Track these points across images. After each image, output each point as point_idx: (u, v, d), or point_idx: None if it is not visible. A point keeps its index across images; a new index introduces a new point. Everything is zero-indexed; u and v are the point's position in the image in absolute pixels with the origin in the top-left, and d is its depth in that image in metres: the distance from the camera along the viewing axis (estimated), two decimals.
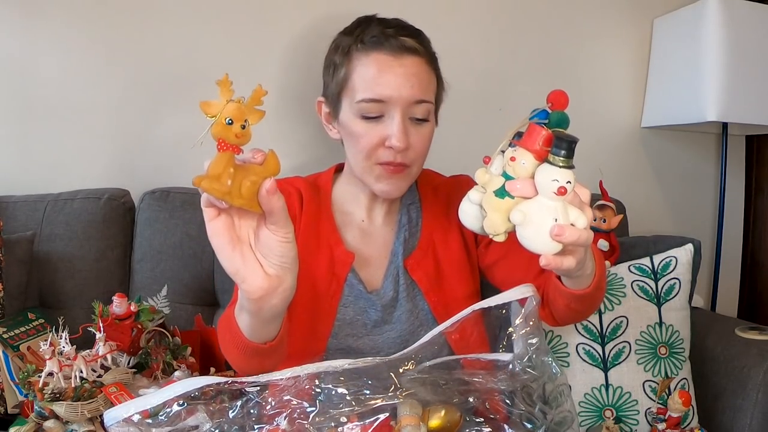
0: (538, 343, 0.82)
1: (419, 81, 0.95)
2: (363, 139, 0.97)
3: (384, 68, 0.94)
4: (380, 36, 0.95)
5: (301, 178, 1.14)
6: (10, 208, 1.51)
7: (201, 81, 1.66)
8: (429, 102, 0.97)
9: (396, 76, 0.94)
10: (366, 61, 0.96)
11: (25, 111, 1.61)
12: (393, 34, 0.96)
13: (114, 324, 1.14)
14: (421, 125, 0.98)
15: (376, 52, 0.95)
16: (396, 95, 0.94)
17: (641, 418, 1.25)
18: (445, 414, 0.80)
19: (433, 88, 0.99)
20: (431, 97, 0.98)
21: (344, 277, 1.04)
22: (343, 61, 0.99)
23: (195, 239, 1.50)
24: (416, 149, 0.98)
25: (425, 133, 0.99)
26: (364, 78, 0.95)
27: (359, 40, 0.97)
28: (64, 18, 1.60)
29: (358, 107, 0.96)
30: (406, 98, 0.94)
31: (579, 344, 1.28)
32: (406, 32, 0.97)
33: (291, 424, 0.79)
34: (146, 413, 0.81)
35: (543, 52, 1.78)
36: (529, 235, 0.69)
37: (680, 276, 1.32)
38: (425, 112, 0.97)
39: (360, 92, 0.96)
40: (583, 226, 0.69)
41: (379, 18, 1.02)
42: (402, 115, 0.95)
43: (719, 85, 1.56)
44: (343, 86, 0.99)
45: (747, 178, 1.94)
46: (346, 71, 0.98)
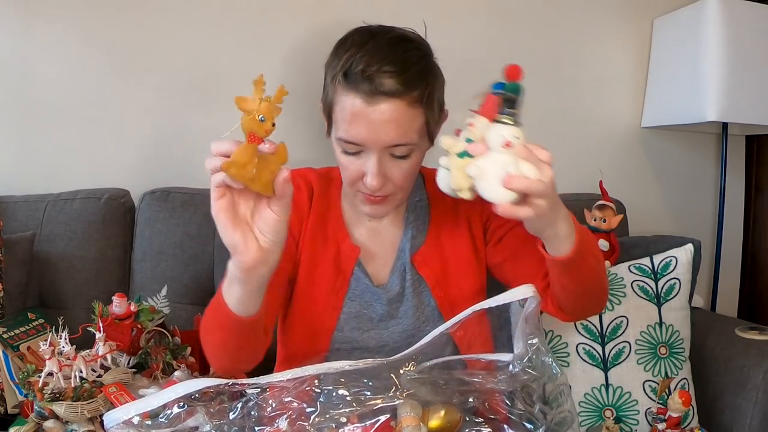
0: (538, 343, 0.82)
1: (396, 126, 0.91)
2: (345, 171, 0.99)
3: (358, 115, 0.91)
4: (360, 75, 0.90)
5: (313, 170, 1.14)
6: (10, 208, 1.51)
7: (201, 81, 1.66)
8: (407, 144, 0.94)
9: (369, 123, 0.91)
10: (344, 99, 0.93)
11: (26, 111, 1.61)
12: (374, 73, 0.90)
13: (114, 324, 1.14)
14: (402, 161, 0.96)
15: (354, 93, 0.91)
16: (370, 141, 0.93)
17: (641, 418, 1.25)
18: (445, 414, 0.80)
19: (416, 126, 0.94)
20: (412, 137, 0.94)
21: (351, 271, 1.05)
22: (329, 86, 0.98)
23: (195, 239, 1.50)
24: (396, 183, 0.97)
25: (406, 167, 0.97)
26: (342, 117, 0.94)
27: (343, 71, 0.93)
28: (65, 18, 1.60)
29: (339, 142, 0.96)
30: (380, 143, 0.93)
31: (579, 344, 1.28)
32: (390, 68, 0.90)
33: (291, 425, 0.79)
34: (146, 414, 0.81)
35: (543, 52, 1.78)
36: (484, 186, 0.78)
37: (680, 276, 1.32)
38: (405, 151, 0.95)
39: (339, 130, 0.95)
40: (535, 177, 0.77)
41: (375, 38, 0.96)
42: (377, 157, 0.94)
43: (719, 85, 1.55)
44: (329, 112, 0.98)
45: (747, 178, 1.94)
46: (331, 99, 0.97)
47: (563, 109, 1.80)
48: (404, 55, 0.93)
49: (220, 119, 1.68)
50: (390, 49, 0.93)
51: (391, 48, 0.93)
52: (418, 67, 0.94)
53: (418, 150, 0.97)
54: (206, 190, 1.68)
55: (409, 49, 0.95)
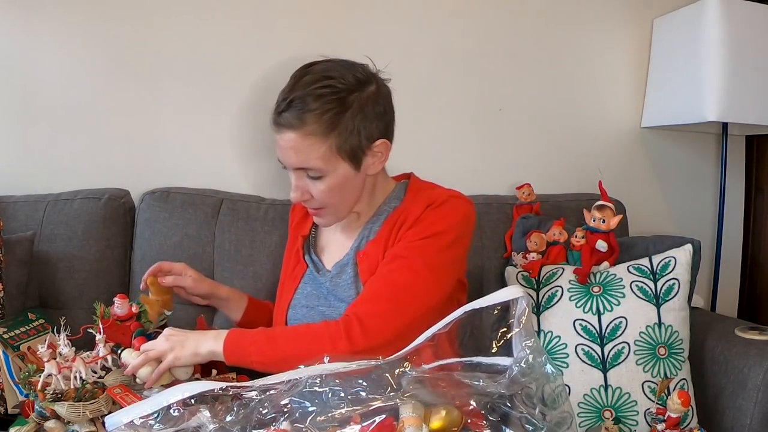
0: (534, 344, 0.82)
1: (296, 152, 1.08)
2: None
3: (276, 140, 1.11)
4: (276, 107, 1.09)
5: None
6: (10, 208, 1.51)
7: (202, 81, 1.66)
8: (310, 168, 1.09)
9: (279, 148, 1.11)
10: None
11: (26, 112, 1.62)
12: (279, 105, 1.08)
13: (115, 325, 1.14)
14: (316, 181, 1.10)
15: (273, 122, 1.10)
16: (284, 161, 1.12)
17: (640, 418, 1.25)
18: (446, 415, 0.81)
19: (317, 155, 1.07)
20: (313, 163, 1.08)
21: (303, 258, 1.25)
22: None
23: (195, 239, 1.50)
24: (319, 199, 1.12)
25: (321, 188, 1.11)
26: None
27: (276, 101, 1.10)
28: (65, 18, 1.60)
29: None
30: (290, 165, 1.11)
31: (578, 345, 1.28)
32: (291, 104, 1.06)
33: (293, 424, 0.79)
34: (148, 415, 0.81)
35: (543, 52, 1.78)
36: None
37: (679, 276, 1.32)
38: (316, 173, 1.09)
39: None
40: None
41: (303, 76, 1.10)
42: (294, 175, 1.12)
43: (719, 85, 1.55)
44: None
45: (747, 178, 1.94)
46: None
47: (563, 110, 1.80)
48: (314, 92, 1.07)
49: (220, 120, 1.68)
50: (297, 86, 1.08)
51: (298, 85, 1.08)
52: (317, 104, 1.06)
53: (331, 173, 1.10)
54: (206, 190, 1.70)
55: (322, 86, 1.07)
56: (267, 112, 1.67)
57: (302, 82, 1.09)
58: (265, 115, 1.69)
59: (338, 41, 1.65)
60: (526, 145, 1.80)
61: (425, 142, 1.69)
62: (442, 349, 0.92)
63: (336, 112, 1.07)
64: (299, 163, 1.09)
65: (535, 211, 1.59)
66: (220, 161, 1.68)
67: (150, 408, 0.82)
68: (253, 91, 1.68)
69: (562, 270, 1.38)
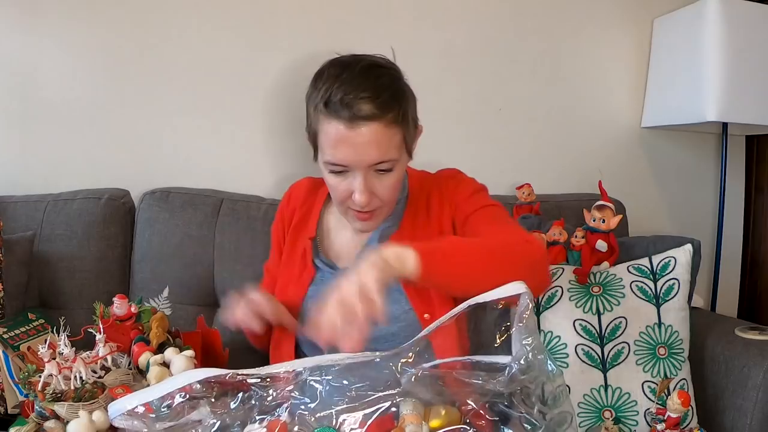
0: (534, 342, 0.82)
1: (377, 146, 1.01)
2: (334, 191, 1.08)
3: (341, 139, 1.01)
4: (339, 102, 0.99)
5: (309, 179, 1.29)
6: (10, 208, 1.51)
7: (202, 81, 1.66)
8: (389, 160, 1.03)
9: (353, 146, 1.00)
10: (327, 127, 1.02)
11: (26, 111, 1.62)
12: (351, 101, 0.99)
13: (115, 325, 1.14)
14: (386, 175, 1.05)
15: (336, 120, 1.00)
16: (355, 162, 1.02)
17: (640, 418, 1.25)
18: (445, 414, 0.81)
19: (395, 143, 1.04)
20: (393, 154, 1.03)
21: (312, 261, 1.17)
22: (312, 117, 1.07)
23: (195, 240, 1.50)
24: (382, 197, 1.07)
25: (390, 181, 1.06)
26: (327, 142, 1.03)
27: (323, 101, 1.01)
28: (65, 18, 1.61)
29: (325, 165, 1.06)
30: (365, 163, 1.02)
31: (578, 345, 1.28)
32: (366, 95, 0.99)
33: (292, 416, 0.79)
34: (150, 408, 0.81)
35: (543, 52, 1.78)
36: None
37: (679, 276, 1.32)
38: (388, 166, 1.04)
39: (325, 154, 1.05)
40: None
41: (348, 69, 1.03)
42: (363, 175, 1.03)
43: (719, 85, 1.55)
44: (315, 139, 1.08)
45: (747, 178, 1.94)
46: (315, 128, 1.06)
47: (563, 109, 1.80)
48: (377, 81, 1.02)
49: (220, 120, 1.68)
50: (363, 77, 1.02)
51: (364, 76, 1.02)
52: (390, 90, 1.03)
53: (399, 164, 1.07)
54: (206, 190, 1.70)
55: (380, 75, 1.04)
56: (267, 112, 1.69)
57: (357, 72, 1.02)
58: (265, 115, 1.70)
59: (338, 41, 1.64)
60: (526, 145, 1.80)
61: (425, 142, 1.68)
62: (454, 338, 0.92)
63: (403, 98, 1.05)
64: (379, 157, 1.02)
65: (535, 211, 1.59)
66: (220, 161, 1.68)
67: (153, 395, 0.82)
68: (253, 92, 1.68)
69: (562, 270, 1.38)
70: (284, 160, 1.69)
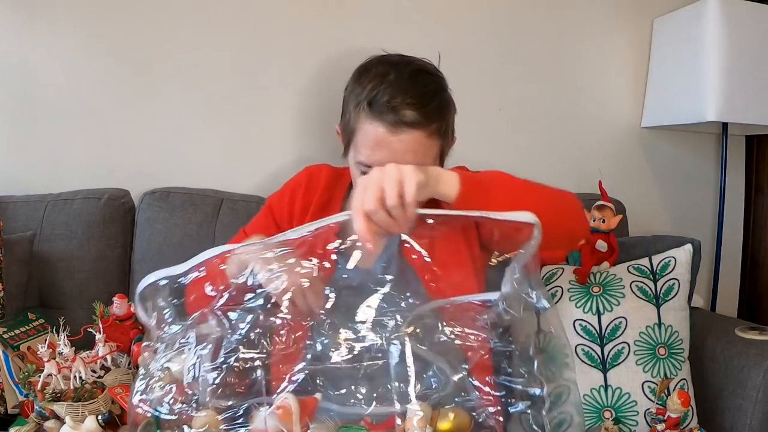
0: (521, 278, 0.82)
1: (414, 154, 0.98)
2: None
3: (381, 142, 0.98)
4: (385, 105, 0.97)
5: (329, 167, 1.23)
6: (10, 208, 1.51)
7: (202, 81, 1.66)
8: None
9: (392, 151, 0.98)
10: (369, 127, 0.99)
11: (26, 111, 1.62)
12: (398, 105, 0.97)
13: (114, 325, 1.15)
14: None
15: (378, 122, 0.98)
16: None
17: (640, 418, 1.25)
18: (454, 417, 0.81)
19: (432, 155, 1.02)
20: (426, 164, 0.99)
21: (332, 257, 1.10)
22: (352, 113, 1.03)
23: (195, 239, 1.50)
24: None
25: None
26: (365, 143, 1.00)
27: (368, 101, 0.99)
28: (65, 18, 1.60)
29: (358, 166, 1.02)
30: None
31: (578, 345, 1.28)
32: (412, 101, 0.97)
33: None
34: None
35: (543, 52, 1.78)
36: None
37: (679, 276, 1.32)
38: None
39: (360, 154, 1.01)
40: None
41: (396, 69, 1.01)
42: None
43: (719, 85, 1.55)
44: (350, 136, 1.04)
45: (747, 178, 1.94)
46: (353, 125, 1.03)
47: (563, 109, 1.80)
48: (425, 88, 1.00)
49: (221, 120, 1.68)
50: (411, 82, 0.99)
51: (413, 81, 0.99)
52: (436, 101, 1.01)
53: None
54: (206, 190, 1.70)
55: (429, 83, 1.02)
56: (267, 112, 1.69)
57: (406, 75, 1.00)
58: (266, 115, 1.70)
59: (338, 42, 1.65)
60: (526, 145, 1.80)
61: None
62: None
63: (447, 110, 1.04)
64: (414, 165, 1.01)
65: None
66: (220, 161, 1.68)
67: (179, 270, 0.84)
68: (253, 92, 1.68)
69: (562, 270, 1.38)
70: (285, 160, 1.69)
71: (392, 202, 0.77)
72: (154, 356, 0.82)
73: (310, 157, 1.68)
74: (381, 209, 0.78)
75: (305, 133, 1.69)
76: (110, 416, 0.97)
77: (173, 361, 0.81)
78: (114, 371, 1.06)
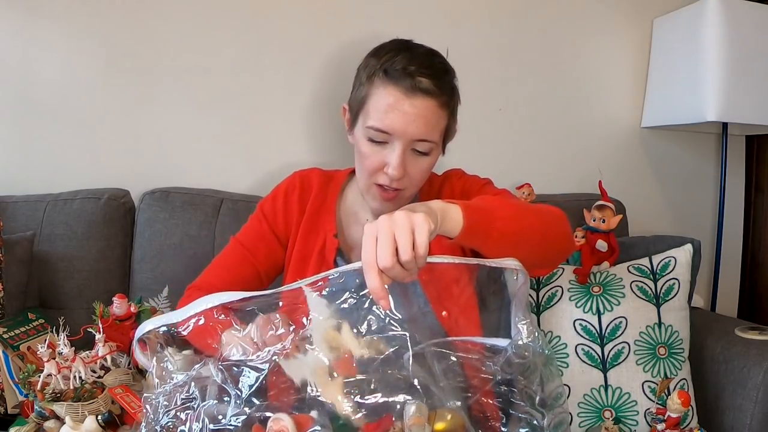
0: (528, 324, 0.81)
1: (425, 122, 1.01)
2: (367, 160, 1.05)
3: (395, 104, 1.00)
4: (401, 71, 1.00)
5: (318, 170, 1.24)
6: (10, 208, 1.51)
7: (202, 81, 1.66)
8: (431, 141, 1.03)
9: (404, 114, 1.00)
10: (383, 92, 1.01)
11: (26, 111, 1.62)
12: (414, 72, 1.00)
13: (114, 325, 1.15)
14: (421, 157, 1.05)
15: (393, 86, 1.00)
16: (400, 131, 1.01)
17: (640, 418, 1.25)
18: (451, 418, 0.81)
19: (440, 128, 1.05)
20: (435, 136, 1.04)
21: (332, 261, 1.12)
22: (365, 82, 1.05)
23: (195, 239, 1.50)
24: (412, 178, 1.06)
25: (424, 164, 1.06)
26: (377, 107, 1.02)
27: (383, 69, 1.02)
28: (65, 18, 1.61)
29: (367, 131, 1.04)
30: (409, 135, 1.01)
31: (578, 345, 1.28)
32: (427, 71, 1.01)
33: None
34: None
35: (543, 52, 1.78)
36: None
37: (679, 276, 1.32)
38: (427, 148, 1.04)
39: (371, 119, 1.03)
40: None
41: (412, 48, 1.05)
42: (403, 147, 1.02)
43: (719, 85, 1.55)
44: (361, 105, 1.06)
45: (747, 178, 1.94)
46: (365, 93, 1.05)
47: (563, 109, 1.80)
48: (439, 64, 1.05)
49: (221, 120, 1.68)
50: (427, 56, 1.04)
51: (428, 56, 1.05)
52: (448, 77, 1.06)
53: (435, 151, 1.06)
54: (206, 190, 1.70)
55: (443, 62, 1.07)
56: (267, 112, 1.69)
57: (420, 52, 1.04)
58: (265, 116, 1.70)
59: (339, 43, 1.65)
60: (526, 145, 1.80)
61: None
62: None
63: (455, 91, 1.08)
64: (424, 134, 1.02)
65: None
66: (220, 161, 1.68)
67: (178, 317, 0.81)
68: (253, 92, 1.68)
69: (562, 270, 1.38)
70: (285, 160, 1.69)
71: (407, 257, 0.74)
72: (156, 409, 0.80)
73: (310, 157, 1.69)
74: (396, 265, 0.74)
75: (305, 133, 1.69)
76: (110, 416, 0.97)
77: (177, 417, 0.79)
78: (114, 371, 1.06)
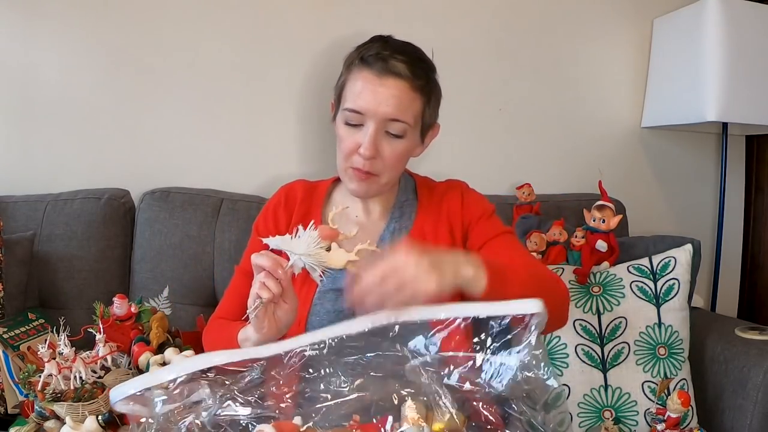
0: (541, 354, 0.82)
1: (397, 102, 1.04)
2: (343, 143, 1.09)
3: (367, 85, 1.05)
4: (374, 56, 1.05)
5: (303, 181, 1.26)
6: (10, 208, 1.51)
7: (202, 81, 1.66)
8: (404, 122, 1.06)
9: (375, 93, 1.04)
10: (358, 75, 1.07)
11: (26, 111, 1.62)
12: (386, 56, 1.05)
13: (115, 325, 1.14)
14: (395, 140, 1.07)
15: (367, 70, 1.06)
16: (372, 110, 1.05)
17: (640, 418, 1.25)
18: (449, 419, 0.81)
19: (414, 110, 1.07)
20: (408, 118, 1.06)
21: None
22: (344, 71, 1.11)
23: (195, 239, 1.50)
24: (385, 160, 1.08)
25: (398, 148, 1.08)
26: (352, 90, 1.07)
27: (360, 56, 1.08)
28: (65, 19, 1.61)
29: (344, 114, 1.08)
30: (381, 114, 1.04)
31: (578, 345, 1.28)
32: (400, 56, 1.05)
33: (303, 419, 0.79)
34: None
35: (543, 52, 1.78)
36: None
37: (679, 276, 1.32)
38: (400, 130, 1.06)
39: (347, 101, 1.08)
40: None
41: (389, 40, 1.10)
42: (375, 128, 1.05)
43: (719, 85, 1.55)
44: (340, 93, 1.11)
45: (747, 178, 1.94)
46: (343, 80, 1.11)
47: (563, 109, 1.80)
48: (414, 52, 1.09)
49: (221, 120, 1.68)
50: (404, 46, 1.09)
51: (405, 46, 1.10)
52: (424, 64, 1.09)
53: (410, 135, 1.08)
54: (206, 190, 1.70)
55: (418, 51, 1.11)
56: (267, 112, 1.69)
57: (398, 43, 1.09)
58: (266, 115, 1.70)
59: (337, 41, 1.65)
60: (526, 145, 1.80)
61: None
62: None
63: (432, 82, 1.10)
64: (395, 113, 1.05)
65: (535, 211, 1.59)
66: (220, 161, 1.68)
67: (156, 380, 0.80)
68: (253, 92, 1.68)
69: (562, 270, 1.39)
70: (285, 160, 1.69)
71: (392, 306, 0.81)
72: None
73: (309, 157, 1.69)
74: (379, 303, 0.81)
75: (305, 133, 1.69)
76: (110, 416, 0.97)
77: None
78: (114, 371, 1.06)
